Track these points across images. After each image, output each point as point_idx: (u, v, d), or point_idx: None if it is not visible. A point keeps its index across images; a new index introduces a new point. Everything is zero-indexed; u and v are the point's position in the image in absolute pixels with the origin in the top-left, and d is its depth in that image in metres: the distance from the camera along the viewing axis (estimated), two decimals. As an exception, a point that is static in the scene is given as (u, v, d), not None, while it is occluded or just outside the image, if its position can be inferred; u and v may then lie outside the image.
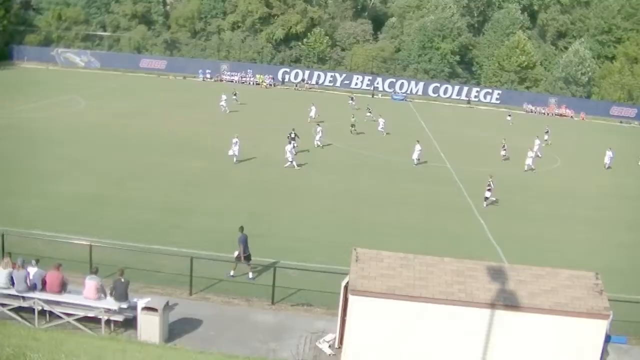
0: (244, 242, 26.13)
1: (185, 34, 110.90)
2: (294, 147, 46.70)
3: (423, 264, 18.63)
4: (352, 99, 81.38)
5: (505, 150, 56.07)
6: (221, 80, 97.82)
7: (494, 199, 41.06)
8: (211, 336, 21.24)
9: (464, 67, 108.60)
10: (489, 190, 40.64)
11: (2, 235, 25.09)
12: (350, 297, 18.10)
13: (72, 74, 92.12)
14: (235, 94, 72.45)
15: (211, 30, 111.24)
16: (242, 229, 26.35)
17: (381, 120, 62.78)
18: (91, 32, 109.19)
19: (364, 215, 36.87)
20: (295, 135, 50.29)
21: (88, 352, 12.63)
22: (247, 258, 26.40)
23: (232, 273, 26.64)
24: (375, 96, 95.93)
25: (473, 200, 41.48)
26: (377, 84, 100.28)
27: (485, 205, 40.66)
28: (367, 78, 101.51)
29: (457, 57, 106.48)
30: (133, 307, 20.82)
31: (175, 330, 21.16)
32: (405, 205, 39.57)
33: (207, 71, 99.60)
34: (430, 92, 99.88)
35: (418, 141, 50.08)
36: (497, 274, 18.40)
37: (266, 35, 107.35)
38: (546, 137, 65.53)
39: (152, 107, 67.63)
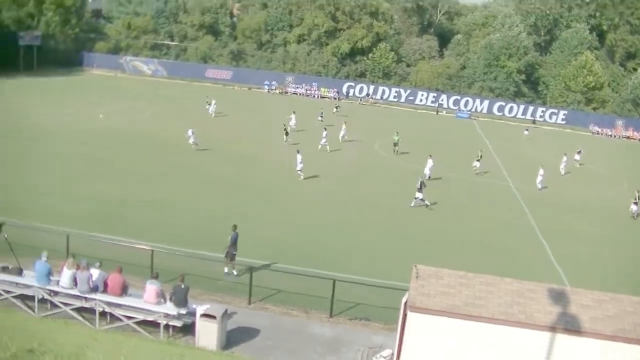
0: (234, 240, 27.04)
1: (252, 45, 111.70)
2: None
3: (483, 283, 18.33)
4: (336, 107, 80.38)
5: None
6: (286, 92, 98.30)
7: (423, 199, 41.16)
8: (268, 346, 21.23)
9: (529, 87, 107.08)
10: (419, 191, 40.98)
11: (67, 237, 25.52)
12: (409, 314, 17.91)
13: (139, 82, 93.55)
14: (321, 115, 70.47)
15: (277, 43, 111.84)
16: (235, 227, 27.32)
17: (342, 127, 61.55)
18: (159, 41, 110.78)
19: (422, 230, 36.62)
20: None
21: (146, 355, 12.71)
22: (232, 257, 27.28)
23: (235, 272, 27.48)
24: (439, 113, 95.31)
25: (535, 220, 40.86)
26: (442, 101, 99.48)
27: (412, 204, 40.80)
28: (431, 95, 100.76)
29: (523, 76, 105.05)
30: (192, 313, 20.94)
31: (232, 339, 21.20)
32: (464, 223, 39.19)
33: (273, 83, 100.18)
34: (495, 110, 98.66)
35: (430, 156, 49.17)
36: (558, 297, 18.00)
37: (332, 49, 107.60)
38: (577, 156, 63.43)
39: (217, 117, 68.15)
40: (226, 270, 27.34)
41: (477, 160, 54.07)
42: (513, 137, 77.24)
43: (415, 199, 41.05)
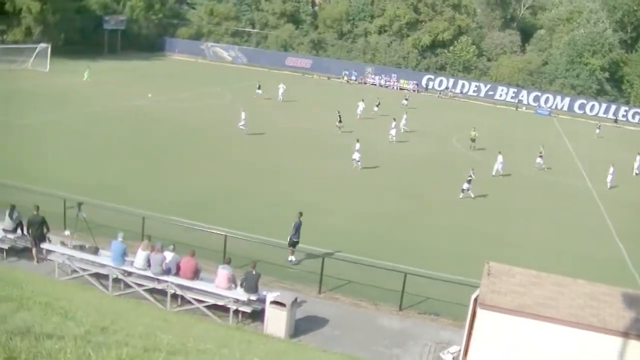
0: (297, 227, 26.95)
1: (332, 35, 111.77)
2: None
3: (555, 283, 18.00)
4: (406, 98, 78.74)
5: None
6: (365, 83, 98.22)
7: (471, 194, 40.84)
8: (336, 336, 21.24)
9: (612, 85, 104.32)
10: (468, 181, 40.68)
11: (143, 219, 25.97)
12: (479, 311, 17.71)
13: (220, 68, 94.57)
14: (378, 104, 69.73)
15: (358, 33, 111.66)
16: (300, 214, 27.30)
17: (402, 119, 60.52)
18: (240, 28, 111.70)
19: (495, 228, 36.17)
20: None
21: (215, 339, 12.81)
22: (294, 244, 27.19)
23: (293, 259, 27.47)
24: (519, 109, 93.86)
25: (613, 223, 39.92)
26: (522, 96, 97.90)
27: (461, 196, 40.75)
28: (511, 90, 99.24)
29: (607, 74, 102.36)
30: (262, 300, 21.09)
31: (301, 327, 21.27)
32: (539, 222, 38.52)
33: (354, 72, 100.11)
34: (576, 108, 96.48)
35: (500, 152, 48.27)
36: (633, 302, 17.53)
37: (412, 41, 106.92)
38: None
39: (297, 104, 68.46)
40: (293, 259, 27.44)
41: (540, 157, 53.18)
42: (593, 136, 75.56)
43: (463, 190, 40.89)
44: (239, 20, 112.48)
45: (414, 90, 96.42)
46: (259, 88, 70.59)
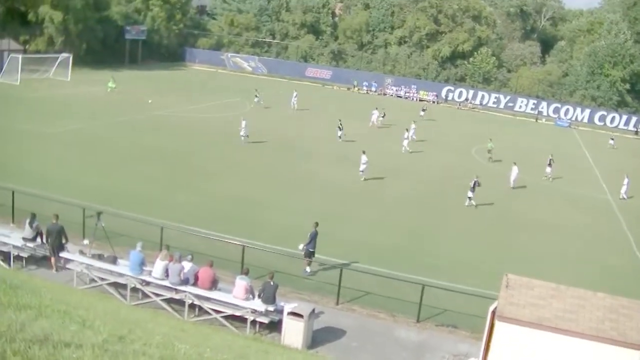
0: (313, 237, 26.82)
1: (352, 46, 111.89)
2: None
3: (575, 296, 17.88)
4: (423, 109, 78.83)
5: None
6: (384, 94, 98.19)
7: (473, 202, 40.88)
8: (353, 347, 21.23)
9: (633, 96, 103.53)
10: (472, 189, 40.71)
11: (162, 229, 26.08)
12: (497, 324, 17.64)
13: (240, 78, 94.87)
14: (383, 115, 69.02)
15: (378, 44, 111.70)
16: (316, 225, 27.20)
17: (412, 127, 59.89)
18: (260, 38, 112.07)
19: (515, 239, 36.02)
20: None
21: (232, 350, 12.82)
22: (311, 254, 27.03)
23: (308, 270, 27.25)
24: (538, 121, 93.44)
25: (633, 235, 39.65)
26: (542, 108, 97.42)
27: (466, 203, 40.81)
28: (531, 101, 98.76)
29: (627, 86, 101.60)
30: (279, 311, 21.12)
31: (318, 338, 21.28)
32: (558, 233, 38.29)
33: (374, 83, 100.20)
34: (596, 120, 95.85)
35: (515, 163, 47.87)
36: (654, 315, 17.45)
37: (432, 52, 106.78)
38: None
39: (318, 114, 68.61)
40: (308, 269, 27.34)
41: (549, 166, 52.94)
42: (609, 148, 75.03)
43: (468, 197, 40.94)
44: (259, 31, 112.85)
45: (433, 102, 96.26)
46: (256, 96, 70.95)
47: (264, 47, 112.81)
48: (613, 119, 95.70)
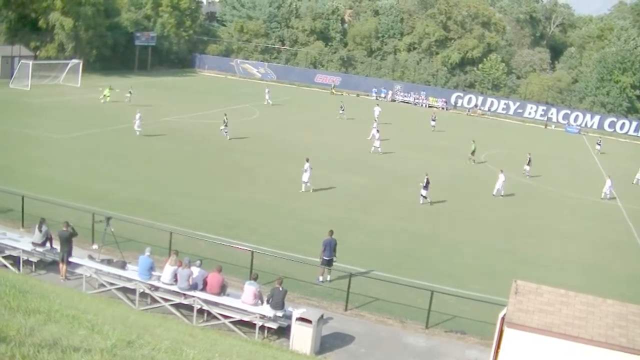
0: (328, 245, 26.66)
1: (361, 52, 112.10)
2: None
3: (584, 303, 17.82)
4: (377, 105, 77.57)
5: None
6: (394, 100, 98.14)
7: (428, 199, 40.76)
8: (361, 353, 21.19)
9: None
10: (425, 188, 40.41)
11: (171, 234, 26.11)
12: (506, 330, 17.59)
13: (249, 85, 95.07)
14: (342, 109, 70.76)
15: (387, 50, 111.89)
16: (331, 232, 27.02)
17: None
18: (270, 45, 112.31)
19: (525, 246, 35.89)
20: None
21: (240, 355, 12.82)
22: (329, 263, 26.82)
23: (320, 279, 27.03)
24: (548, 127, 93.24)
25: (642, 241, 39.56)
26: (551, 114, 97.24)
27: (421, 202, 40.61)
28: (541, 108, 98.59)
29: (637, 92, 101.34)
30: (288, 316, 21.11)
31: (326, 344, 21.24)
32: (568, 240, 38.14)
33: (383, 90, 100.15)
34: (606, 126, 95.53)
35: (502, 171, 47.66)
36: (664, 322, 17.37)
37: (442, 58, 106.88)
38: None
39: (322, 121, 68.65)
40: (320, 278, 27.18)
41: (528, 164, 53.39)
42: (623, 155, 74.77)
43: (422, 196, 40.75)
44: (268, 37, 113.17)
45: (442, 108, 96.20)
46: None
47: (273, 53, 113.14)
48: (623, 125, 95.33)
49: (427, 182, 40.42)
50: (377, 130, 56.83)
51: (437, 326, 23.97)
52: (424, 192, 40.64)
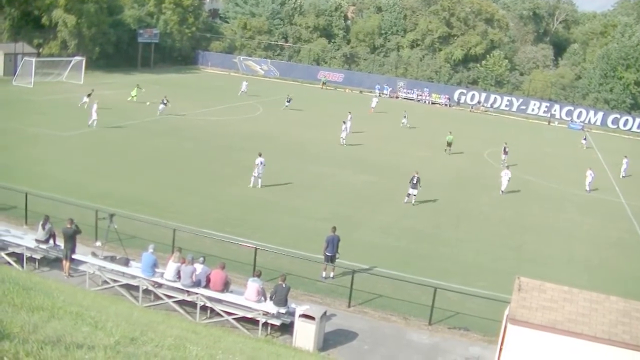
0: (331, 242, 26.64)
1: (365, 49, 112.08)
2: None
3: (587, 300, 17.79)
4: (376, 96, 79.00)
5: None
6: (397, 97, 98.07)
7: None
8: (364, 350, 21.19)
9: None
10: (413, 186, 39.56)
11: (174, 231, 26.12)
12: (509, 327, 17.59)
13: (252, 82, 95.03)
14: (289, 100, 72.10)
15: (390, 47, 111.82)
16: (334, 229, 27.02)
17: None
18: (273, 42, 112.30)
19: (528, 243, 35.84)
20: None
21: (243, 352, 12.83)
22: (332, 259, 26.80)
23: (324, 275, 27.01)
24: (551, 123, 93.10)
25: (647, 238, 39.48)
26: (554, 111, 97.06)
27: (405, 201, 39.90)
28: (544, 104, 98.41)
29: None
30: (291, 313, 21.11)
31: (330, 341, 21.25)
32: (571, 237, 38.07)
33: (386, 87, 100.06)
34: (609, 123, 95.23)
35: (507, 167, 47.66)
36: (668, 319, 17.34)
37: (445, 55, 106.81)
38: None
39: (326, 119, 68.61)
40: (323, 274, 27.18)
41: (504, 153, 54.64)
42: (626, 151, 74.59)
43: (408, 195, 39.96)
44: (271, 34, 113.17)
45: (445, 105, 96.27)
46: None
47: (276, 50, 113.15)
48: (626, 121, 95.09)
49: (417, 180, 39.47)
50: (350, 119, 58.19)
51: (441, 323, 23.94)
52: (411, 191, 39.75)
